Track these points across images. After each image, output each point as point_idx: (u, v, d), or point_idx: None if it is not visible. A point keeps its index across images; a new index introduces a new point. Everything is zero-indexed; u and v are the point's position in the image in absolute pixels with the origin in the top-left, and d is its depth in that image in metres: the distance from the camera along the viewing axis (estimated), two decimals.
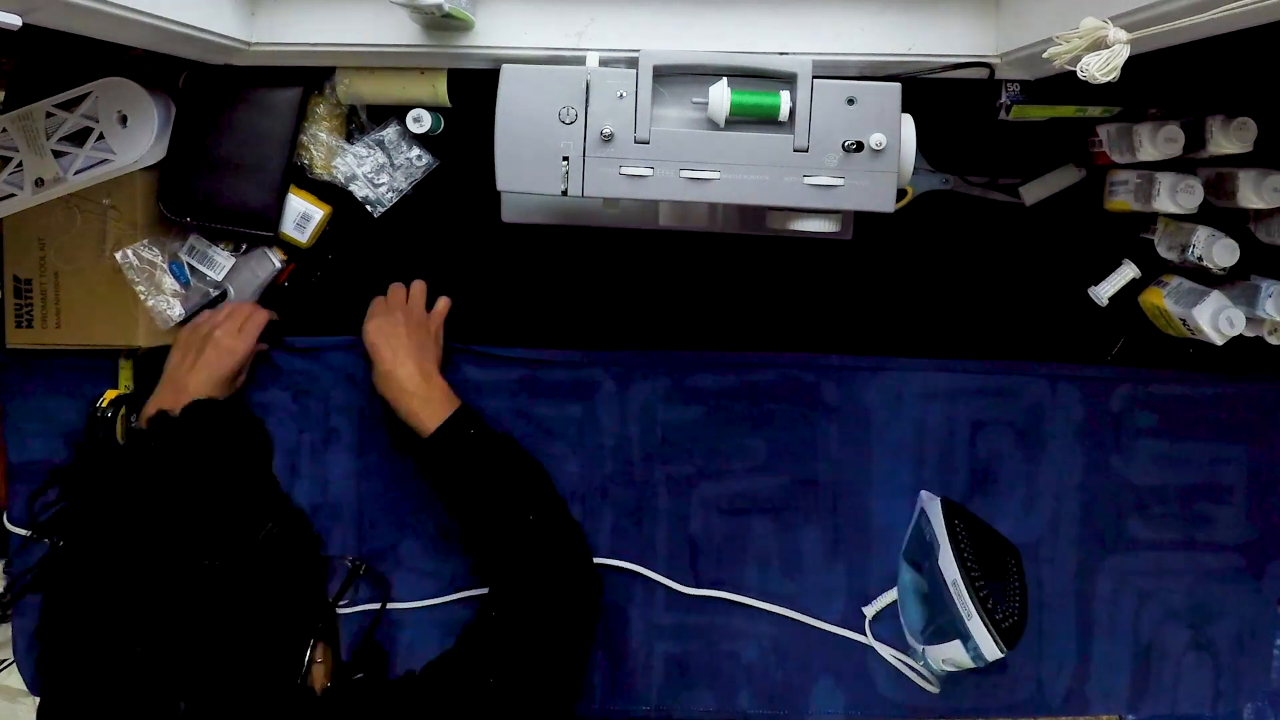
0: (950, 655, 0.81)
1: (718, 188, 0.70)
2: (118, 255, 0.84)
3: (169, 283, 0.85)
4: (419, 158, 0.86)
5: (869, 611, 0.91)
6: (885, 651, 0.90)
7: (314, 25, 0.77)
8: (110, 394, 0.89)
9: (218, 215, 0.85)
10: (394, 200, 0.87)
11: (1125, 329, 0.89)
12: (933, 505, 0.86)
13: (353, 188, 0.86)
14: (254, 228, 0.86)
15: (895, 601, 0.90)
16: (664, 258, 0.89)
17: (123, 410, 0.88)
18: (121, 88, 0.80)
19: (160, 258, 0.85)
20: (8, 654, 0.97)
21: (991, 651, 0.78)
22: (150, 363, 0.89)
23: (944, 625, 0.82)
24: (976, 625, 0.78)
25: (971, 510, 0.88)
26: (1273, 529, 0.92)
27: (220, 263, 0.87)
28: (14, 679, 0.97)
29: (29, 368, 0.91)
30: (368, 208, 0.87)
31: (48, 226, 0.85)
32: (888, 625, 0.91)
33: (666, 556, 0.92)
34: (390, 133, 0.86)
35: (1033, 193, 0.86)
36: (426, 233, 0.90)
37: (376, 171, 0.86)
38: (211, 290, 0.87)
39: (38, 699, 0.77)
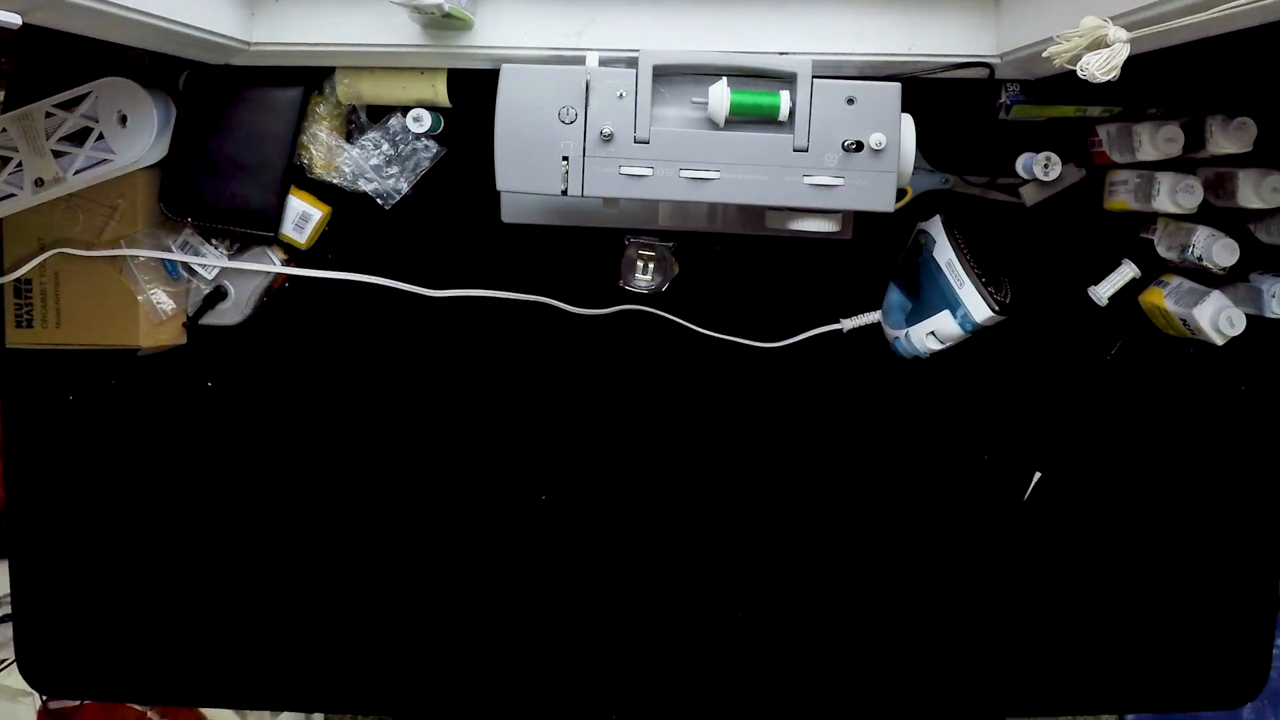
0: (937, 326, 0.80)
1: (718, 188, 0.70)
2: (111, 250, 0.84)
3: (163, 277, 0.85)
4: (426, 147, 0.86)
5: (846, 324, 0.89)
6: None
7: (314, 25, 0.77)
8: None
9: (219, 216, 0.85)
10: (406, 190, 0.87)
11: (1125, 329, 0.89)
12: (933, 221, 0.83)
13: (360, 183, 0.86)
14: (255, 228, 0.86)
15: (878, 322, 0.87)
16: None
17: None
18: (121, 88, 0.80)
19: (155, 254, 0.85)
20: (8, 654, 0.97)
21: (982, 311, 0.76)
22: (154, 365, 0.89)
23: (927, 306, 0.80)
24: (968, 290, 0.77)
25: None
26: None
27: (215, 261, 0.87)
28: (14, 679, 0.97)
29: None
30: (378, 201, 0.87)
31: (48, 226, 0.85)
32: None
33: None
34: (395, 124, 0.85)
35: (1032, 193, 0.86)
36: (426, 233, 0.90)
37: (385, 163, 0.86)
38: (206, 287, 0.87)
39: (38, 698, 0.77)
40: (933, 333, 0.80)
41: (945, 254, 0.80)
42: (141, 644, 0.95)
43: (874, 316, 0.88)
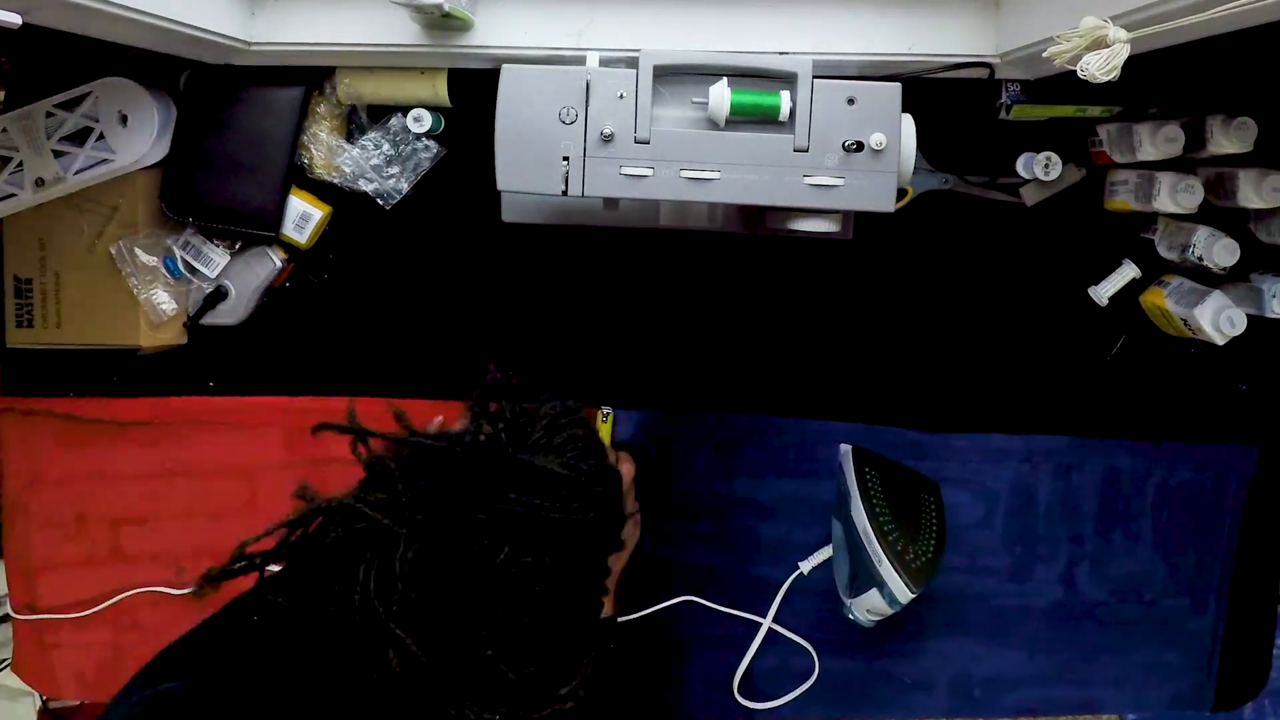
0: (871, 604, 0.81)
1: (718, 188, 0.70)
2: (111, 249, 0.84)
3: (163, 277, 0.86)
4: (426, 147, 0.86)
5: (804, 566, 0.90)
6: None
7: (314, 25, 0.77)
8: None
9: (220, 216, 0.85)
10: (406, 190, 0.87)
11: (1125, 329, 0.89)
12: (846, 458, 0.86)
13: (360, 183, 0.86)
14: (256, 228, 0.86)
15: (830, 559, 0.90)
16: (664, 258, 0.89)
17: None
18: (121, 88, 0.80)
19: (155, 252, 0.85)
20: (8, 654, 0.97)
21: (903, 593, 0.78)
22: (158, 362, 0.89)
23: (861, 575, 0.82)
24: (887, 569, 0.78)
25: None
26: None
27: (216, 260, 0.87)
28: (14, 679, 0.97)
29: None
30: (379, 201, 0.87)
31: (48, 226, 0.85)
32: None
33: None
34: (395, 124, 0.85)
35: (1033, 193, 0.86)
36: (426, 233, 0.90)
37: (386, 163, 0.86)
38: (206, 287, 0.87)
39: (38, 698, 0.77)
40: (869, 609, 0.82)
41: (860, 517, 0.81)
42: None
43: (826, 553, 0.90)
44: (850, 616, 0.86)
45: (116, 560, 0.93)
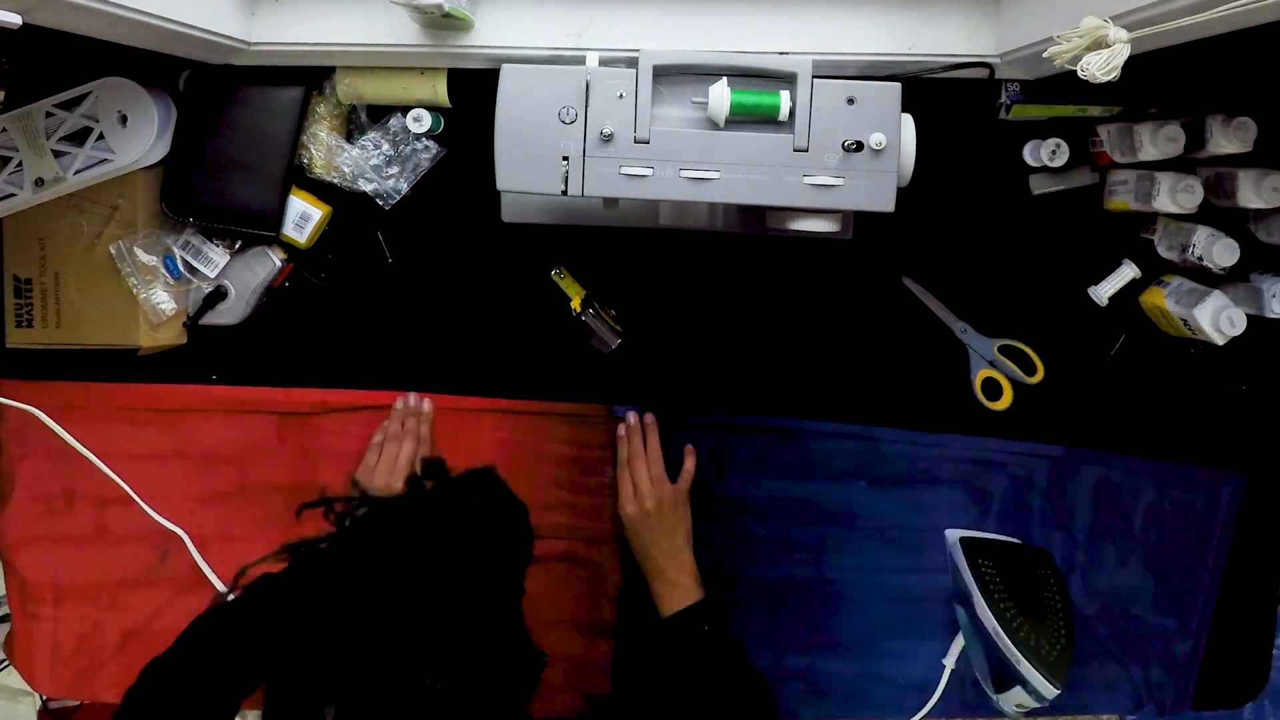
0: (1019, 700, 0.82)
1: (718, 188, 0.70)
2: (111, 249, 0.84)
3: (163, 277, 0.85)
4: (426, 147, 0.86)
5: (948, 662, 0.90)
6: None
7: (314, 25, 0.77)
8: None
9: (221, 216, 0.85)
10: (405, 191, 0.87)
11: (1125, 329, 0.89)
12: (956, 551, 0.86)
13: (360, 183, 0.86)
14: (257, 228, 0.86)
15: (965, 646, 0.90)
16: (664, 257, 0.89)
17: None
18: (121, 88, 0.80)
19: (155, 252, 0.85)
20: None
21: (1049, 691, 0.78)
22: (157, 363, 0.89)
23: (1000, 671, 0.82)
24: (1027, 669, 0.79)
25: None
26: None
27: (215, 259, 0.86)
28: (14, 679, 0.97)
29: None
30: (378, 201, 0.87)
31: (48, 226, 0.85)
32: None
33: None
34: (395, 124, 0.85)
35: (1040, 183, 0.86)
36: (426, 233, 0.90)
37: (385, 163, 0.86)
38: (206, 286, 0.87)
39: (38, 698, 0.77)
40: (1017, 704, 0.82)
41: (988, 619, 0.81)
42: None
43: (960, 644, 0.89)
44: (999, 708, 0.86)
45: (101, 540, 0.93)
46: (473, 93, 0.84)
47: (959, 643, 0.89)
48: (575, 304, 0.88)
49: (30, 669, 0.94)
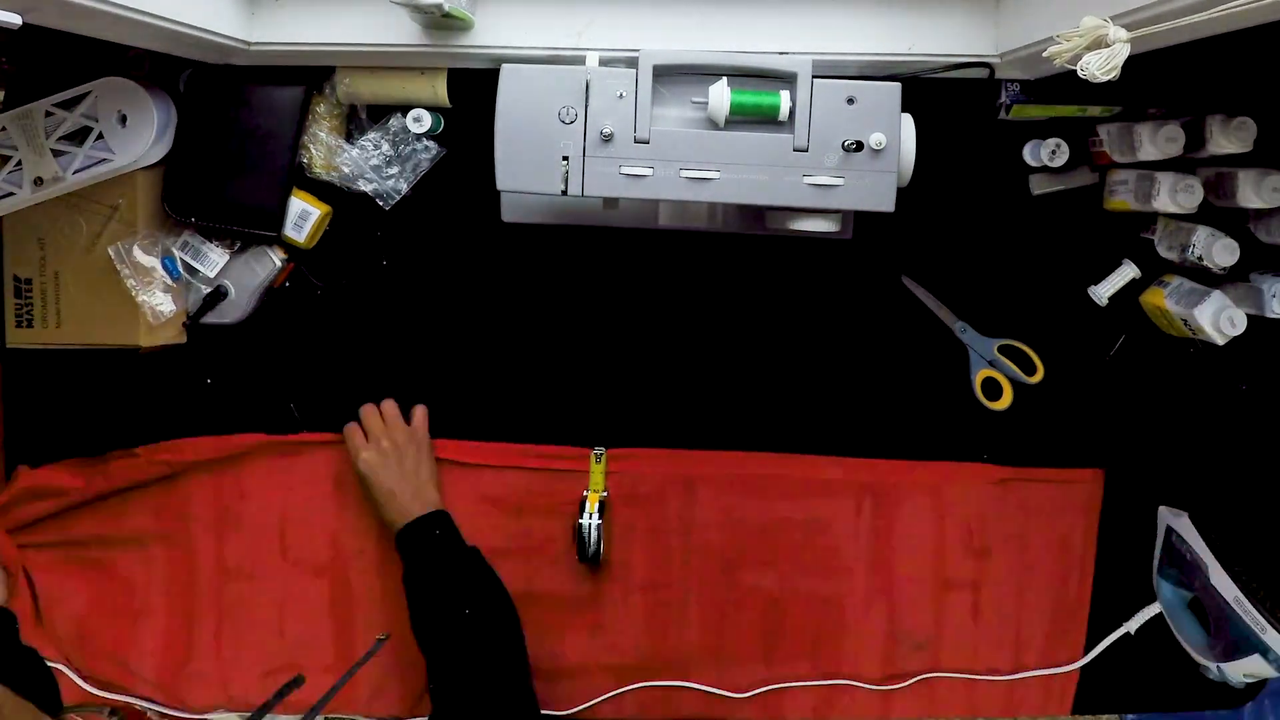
0: (1252, 670, 0.81)
1: (718, 187, 0.70)
2: (110, 250, 0.84)
3: (161, 278, 0.85)
4: (426, 148, 0.86)
5: (1132, 626, 0.90)
6: None
7: (314, 25, 0.78)
8: None
9: (222, 215, 0.85)
10: (405, 191, 0.87)
11: (1125, 329, 0.89)
12: (1181, 522, 0.85)
13: (360, 183, 0.86)
14: (258, 227, 0.86)
15: (1157, 616, 0.90)
16: (664, 257, 0.89)
17: None
18: (121, 88, 0.80)
19: (154, 253, 0.85)
20: None
21: None
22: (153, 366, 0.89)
23: (1236, 640, 0.81)
24: (1273, 636, 0.78)
25: None
26: None
27: (215, 259, 0.86)
28: None
29: None
30: (379, 201, 0.87)
31: (48, 226, 0.85)
32: None
33: None
34: (395, 124, 0.85)
35: (1040, 183, 0.86)
36: (426, 233, 0.90)
37: (385, 164, 0.86)
38: (205, 287, 0.87)
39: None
40: (1246, 673, 0.82)
41: (1228, 588, 0.80)
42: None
43: (1153, 609, 0.90)
44: (1217, 679, 0.85)
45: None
46: (473, 93, 0.84)
47: (1150, 611, 0.89)
48: (592, 502, 0.88)
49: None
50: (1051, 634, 0.92)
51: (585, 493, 0.89)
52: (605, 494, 0.90)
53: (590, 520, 0.87)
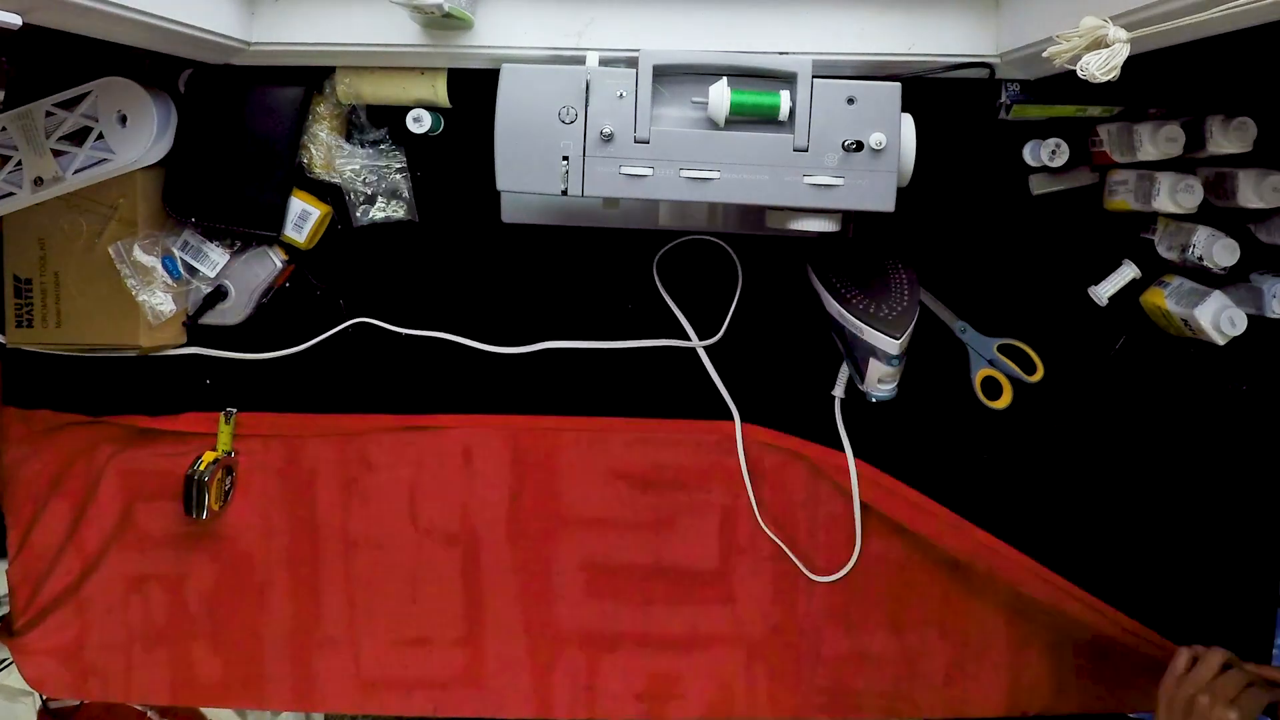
0: (879, 373, 0.83)
1: (718, 187, 0.70)
2: (110, 249, 0.84)
3: (161, 278, 0.85)
4: (402, 169, 0.87)
5: (837, 392, 0.91)
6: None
7: (314, 25, 0.77)
8: (208, 455, 0.90)
9: (222, 215, 0.85)
10: (381, 218, 0.88)
11: (1125, 329, 0.89)
12: (810, 275, 0.87)
13: (359, 185, 0.86)
14: (259, 227, 0.86)
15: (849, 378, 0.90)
16: (664, 257, 0.89)
17: (218, 474, 0.89)
18: (121, 88, 0.80)
19: (154, 253, 0.85)
20: (8, 654, 0.97)
21: (889, 345, 0.80)
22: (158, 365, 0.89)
23: (857, 355, 0.83)
24: (870, 334, 0.80)
25: None
26: None
27: (215, 259, 0.86)
28: (14, 679, 0.97)
29: None
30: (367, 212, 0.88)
31: (48, 226, 0.85)
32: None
33: None
34: (385, 145, 0.87)
35: (1040, 183, 0.86)
36: (426, 233, 0.90)
37: (372, 195, 0.87)
38: (205, 287, 0.87)
39: (38, 698, 0.78)
40: (879, 379, 0.83)
41: (832, 306, 0.83)
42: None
43: (844, 371, 0.90)
44: (874, 399, 0.86)
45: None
46: (473, 93, 0.84)
47: (843, 372, 0.90)
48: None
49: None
50: None
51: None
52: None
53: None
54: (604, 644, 0.94)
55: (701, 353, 0.90)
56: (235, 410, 0.91)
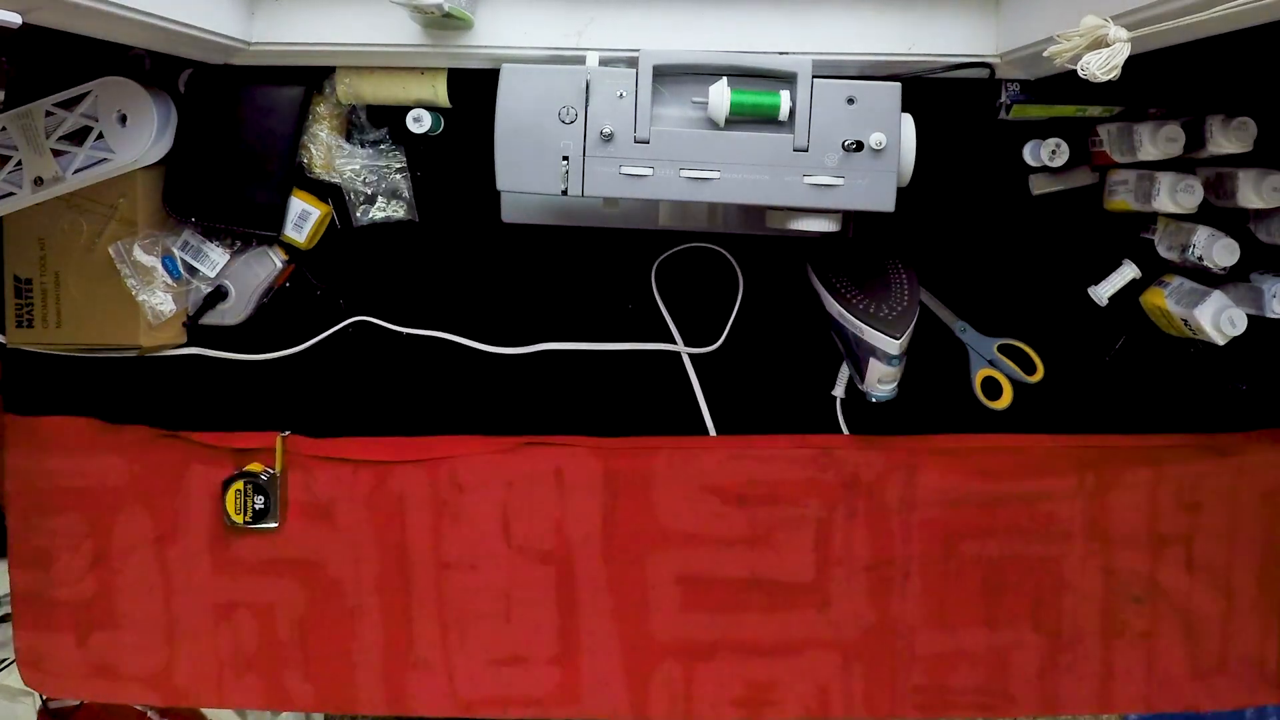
0: (879, 373, 0.83)
1: (718, 187, 0.70)
2: (110, 249, 0.84)
3: (161, 278, 0.85)
4: (402, 169, 0.87)
5: (838, 392, 0.91)
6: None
7: (314, 25, 0.77)
8: (255, 466, 0.91)
9: (222, 215, 0.85)
10: (382, 218, 0.88)
11: (1125, 329, 0.89)
12: (810, 275, 0.88)
13: (358, 185, 0.86)
14: (259, 227, 0.86)
15: (849, 378, 0.90)
16: (663, 258, 0.89)
17: (239, 486, 0.90)
18: (121, 87, 0.80)
19: (154, 252, 0.85)
20: (8, 654, 0.97)
21: (889, 345, 0.80)
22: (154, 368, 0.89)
23: (858, 355, 0.83)
24: (870, 334, 0.80)
25: None
26: None
27: (215, 259, 0.86)
28: (14, 679, 0.97)
29: None
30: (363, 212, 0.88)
31: (48, 226, 0.85)
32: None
33: None
34: (385, 145, 0.86)
35: (1040, 183, 0.86)
36: (426, 233, 0.90)
37: (371, 195, 0.87)
38: (205, 287, 0.87)
39: (38, 698, 0.78)
40: (880, 379, 0.83)
41: (832, 307, 0.83)
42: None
43: (845, 371, 0.90)
44: (874, 399, 0.86)
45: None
46: (473, 93, 0.84)
47: (843, 372, 0.90)
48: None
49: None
50: (1262, 579, 0.92)
51: None
52: None
53: None
54: (699, 653, 0.93)
55: (686, 360, 0.91)
56: (288, 433, 0.91)
